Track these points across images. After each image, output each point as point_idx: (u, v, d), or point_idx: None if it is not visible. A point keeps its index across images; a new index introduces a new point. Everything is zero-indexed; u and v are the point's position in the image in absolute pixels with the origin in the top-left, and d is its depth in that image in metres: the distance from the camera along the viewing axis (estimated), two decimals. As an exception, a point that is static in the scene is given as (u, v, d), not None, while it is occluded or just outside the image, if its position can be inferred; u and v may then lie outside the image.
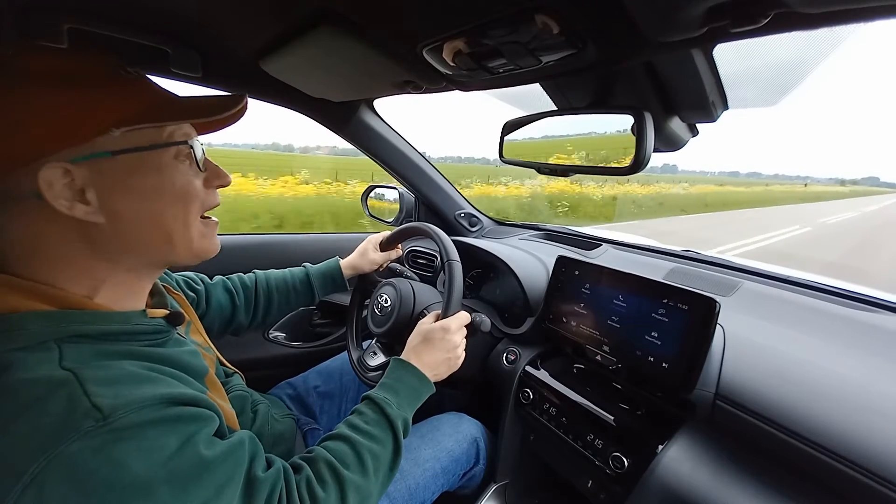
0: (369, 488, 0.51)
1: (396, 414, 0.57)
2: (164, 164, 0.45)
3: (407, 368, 0.65)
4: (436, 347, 0.68)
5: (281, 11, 0.62)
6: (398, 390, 0.61)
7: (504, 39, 0.53)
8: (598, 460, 0.72)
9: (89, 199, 0.40)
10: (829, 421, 0.53)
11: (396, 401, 0.59)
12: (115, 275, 0.45)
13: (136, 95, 0.43)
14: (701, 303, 0.65)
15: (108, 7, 0.66)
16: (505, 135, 0.84)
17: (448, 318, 0.72)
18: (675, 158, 4.25)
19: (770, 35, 0.42)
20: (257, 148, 29.58)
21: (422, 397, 0.64)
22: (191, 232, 0.48)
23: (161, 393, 0.38)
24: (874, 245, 10.83)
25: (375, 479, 0.52)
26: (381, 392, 0.60)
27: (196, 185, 0.48)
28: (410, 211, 1.43)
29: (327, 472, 0.49)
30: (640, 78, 0.62)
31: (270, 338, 1.26)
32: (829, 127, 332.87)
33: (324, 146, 62.09)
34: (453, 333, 0.70)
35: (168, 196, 0.45)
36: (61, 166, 0.38)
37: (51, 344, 0.37)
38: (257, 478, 0.43)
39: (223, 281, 0.83)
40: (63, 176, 0.39)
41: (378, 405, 0.58)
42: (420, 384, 0.64)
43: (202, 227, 0.49)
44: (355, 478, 0.50)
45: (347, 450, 0.52)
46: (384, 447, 0.55)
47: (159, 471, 0.34)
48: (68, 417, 0.33)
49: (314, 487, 0.47)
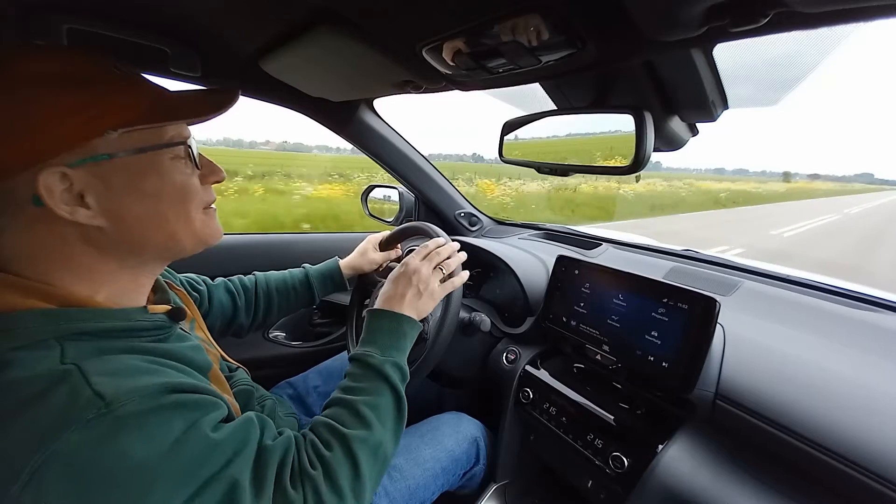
0: (377, 438, 0.51)
1: (381, 361, 0.57)
2: (163, 164, 0.45)
3: (379, 315, 0.63)
4: (401, 283, 0.67)
5: (280, 11, 0.62)
6: (376, 339, 0.60)
7: (504, 39, 0.53)
8: (598, 460, 0.72)
9: (89, 204, 0.40)
10: (829, 420, 0.53)
11: (378, 349, 0.58)
12: (119, 273, 0.45)
13: (133, 96, 0.42)
14: (701, 302, 0.65)
15: (108, 7, 0.66)
16: (505, 134, 0.84)
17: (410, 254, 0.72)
18: (655, 155, 4.39)
19: (770, 34, 0.42)
20: (209, 143, 29.20)
21: (406, 336, 0.62)
22: (193, 225, 0.48)
23: (163, 381, 0.38)
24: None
25: (383, 427, 0.52)
26: (362, 347, 0.60)
27: (194, 182, 0.48)
28: (410, 210, 1.43)
29: (328, 433, 0.49)
30: (639, 77, 0.62)
31: (270, 337, 1.26)
32: (818, 123, 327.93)
33: (272, 141, 61.63)
34: (415, 263, 0.70)
35: (169, 196, 0.45)
36: (59, 171, 0.38)
37: (51, 342, 0.37)
38: (267, 447, 0.43)
39: (224, 282, 0.83)
40: (62, 181, 0.38)
41: (359, 360, 0.57)
42: (399, 325, 0.62)
43: (203, 218, 0.50)
44: (358, 432, 0.50)
45: (342, 410, 0.52)
46: (380, 395, 0.54)
47: (164, 457, 0.34)
48: (70, 408, 0.33)
49: (320, 449, 0.47)
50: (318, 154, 50.42)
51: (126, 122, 0.40)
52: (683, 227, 11.06)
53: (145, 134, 0.43)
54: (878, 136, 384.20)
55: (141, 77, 0.45)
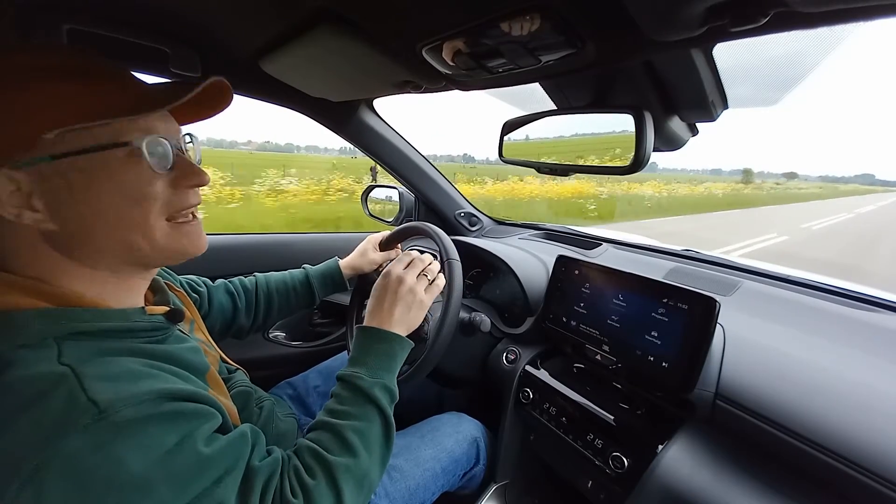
0: (363, 467, 0.49)
1: (370, 384, 0.55)
2: (113, 166, 0.40)
3: (369, 333, 0.61)
4: (387, 298, 0.65)
5: (280, 11, 0.62)
6: (365, 360, 0.58)
7: (503, 39, 0.53)
8: (598, 460, 0.72)
9: (37, 206, 0.38)
10: (829, 420, 0.53)
11: (367, 371, 0.57)
12: (97, 274, 0.44)
13: (77, 90, 0.39)
14: (701, 302, 0.65)
15: (108, 7, 0.66)
16: (505, 134, 0.84)
17: (391, 264, 0.70)
18: (653, 156, 4.35)
19: (770, 34, 0.42)
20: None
21: (397, 356, 0.60)
22: (153, 235, 0.44)
23: (160, 388, 0.38)
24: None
25: (368, 455, 0.50)
26: (350, 368, 0.58)
27: (155, 186, 0.43)
28: (410, 210, 1.43)
29: (313, 460, 0.48)
30: (639, 77, 0.62)
31: (270, 337, 1.26)
32: (819, 123, 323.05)
33: (254, 141, 60.16)
34: (397, 271, 0.67)
35: (119, 201, 0.41)
36: (4, 173, 0.37)
37: (50, 342, 0.37)
38: (254, 467, 0.42)
39: (224, 284, 0.83)
40: (8, 183, 0.37)
41: (348, 381, 0.55)
42: (388, 345, 0.60)
43: (168, 229, 0.45)
44: (343, 460, 0.48)
45: (328, 435, 0.50)
46: (368, 421, 0.53)
47: (157, 467, 0.34)
48: (67, 413, 0.33)
49: (303, 477, 0.46)
50: (307, 154, 50.02)
51: (64, 120, 0.37)
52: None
53: (92, 133, 0.39)
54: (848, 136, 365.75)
55: (97, 66, 0.41)
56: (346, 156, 48.20)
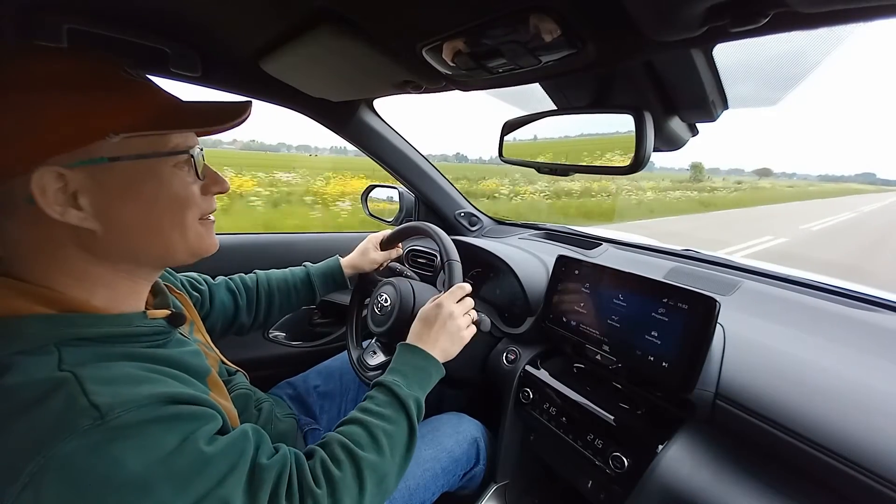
0: (386, 468, 0.51)
1: (407, 394, 0.58)
2: (164, 172, 0.44)
3: (413, 351, 0.65)
4: (435, 326, 0.68)
5: (280, 11, 0.62)
6: (406, 372, 0.61)
7: (504, 39, 0.53)
8: (598, 460, 0.72)
9: (82, 205, 0.40)
10: (829, 420, 0.53)
11: (405, 382, 0.60)
12: (114, 278, 0.45)
13: (138, 100, 0.42)
14: (701, 302, 0.65)
15: (108, 7, 0.66)
16: (505, 134, 0.84)
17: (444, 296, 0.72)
18: (652, 156, 4.19)
19: (769, 35, 0.42)
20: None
21: (432, 377, 0.64)
22: (188, 236, 0.47)
23: (160, 392, 0.38)
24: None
25: (392, 458, 0.52)
26: (390, 376, 0.61)
27: (194, 192, 0.48)
28: (410, 210, 1.43)
29: (342, 452, 0.49)
30: (639, 77, 0.62)
31: (270, 337, 1.26)
32: (818, 123, 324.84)
33: (239, 140, 58.67)
34: (450, 306, 0.70)
35: (165, 204, 0.45)
36: (55, 170, 0.38)
37: (50, 347, 0.37)
38: (262, 465, 0.42)
39: (226, 281, 0.83)
40: (56, 180, 0.38)
41: (387, 387, 0.58)
42: (427, 365, 0.64)
43: (200, 229, 0.49)
44: (371, 457, 0.50)
45: (361, 431, 0.52)
46: (398, 426, 0.55)
47: (158, 468, 0.34)
48: (66, 416, 0.33)
49: (329, 468, 0.47)
50: (298, 154, 49.36)
51: (128, 127, 0.39)
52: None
53: (149, 140, 0.43)
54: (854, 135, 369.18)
55: (150, 83, 0.45)
56: (340, 155, 47.57)
